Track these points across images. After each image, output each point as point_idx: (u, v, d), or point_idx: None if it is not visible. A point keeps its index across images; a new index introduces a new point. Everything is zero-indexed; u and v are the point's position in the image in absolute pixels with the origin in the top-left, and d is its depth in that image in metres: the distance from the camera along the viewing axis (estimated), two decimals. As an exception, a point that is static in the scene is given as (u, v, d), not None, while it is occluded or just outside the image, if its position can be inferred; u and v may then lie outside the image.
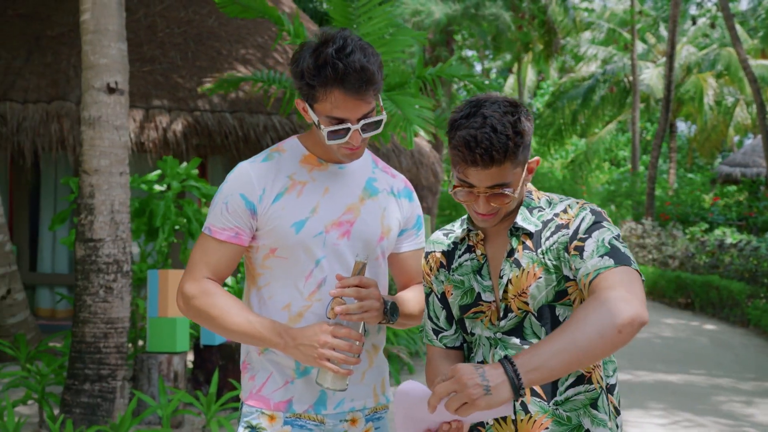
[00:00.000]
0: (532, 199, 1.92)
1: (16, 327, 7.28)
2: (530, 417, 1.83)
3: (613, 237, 1.78)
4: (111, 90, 5.23)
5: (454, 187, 1.84)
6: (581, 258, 1.76)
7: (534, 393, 1.85)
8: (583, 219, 1.83)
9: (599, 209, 1.86)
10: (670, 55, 17.56)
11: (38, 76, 8.70)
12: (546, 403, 1.84)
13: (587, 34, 25.84)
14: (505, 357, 1.62)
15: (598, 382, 1.87)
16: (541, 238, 1.86)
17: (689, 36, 26.31)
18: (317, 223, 2.06)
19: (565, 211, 1.88)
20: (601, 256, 1.74)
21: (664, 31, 27.41)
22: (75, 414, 5.12)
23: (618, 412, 1.90)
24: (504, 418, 1.86)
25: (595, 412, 1.85)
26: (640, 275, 1.75)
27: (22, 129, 8.29)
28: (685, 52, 23.55)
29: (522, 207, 1.90)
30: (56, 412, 5.53)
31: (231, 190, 2.06)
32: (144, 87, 8.78)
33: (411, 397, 1.76)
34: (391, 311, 2.05)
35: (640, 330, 1.65)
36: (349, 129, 1.98)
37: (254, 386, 2.09)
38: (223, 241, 2.05)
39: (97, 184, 5.18)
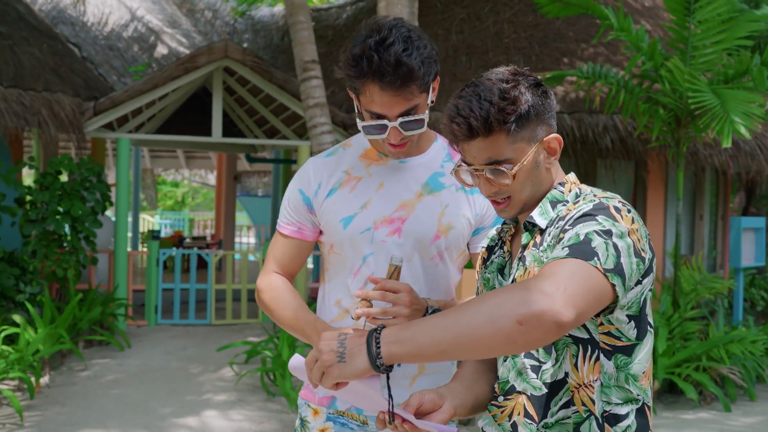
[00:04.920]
0: (561, 191, 1.66)
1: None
2: None
3: (597, 231, 1.47)
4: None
5: (456, 167, 1.68)
6: None
7: (527, 414, 1.59)
8: (580, 210, 1.54)
9: (610, 204, 1.54)
10: None
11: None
12: (535, 425, 1.57)
13: None
14: (378, 326, 1.44)
15: (584, 404, 1.54)
16: (547, 234, 1.61)
17: None
18: (366, 219, 2.00)
19: (576, 203, 1.61)
20: (563, 248, 1.46)
21: None
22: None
23: None
24: None
25: None
26: (607, 276, 1.42)
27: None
28: None
29: (544, 199, 1.66)
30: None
31: (293, 186, 2.10)
32: (485, 92, 9.03)
33: (302, 373, 1.62)
34: None
35: (557, 331, 1.33)
36: (385, 126, 1.90)
37: (307, 379, 2.12)
38: (288, 236, 2.10)
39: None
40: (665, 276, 9.09)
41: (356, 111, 1.96)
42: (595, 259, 1.43)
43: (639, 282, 1.54)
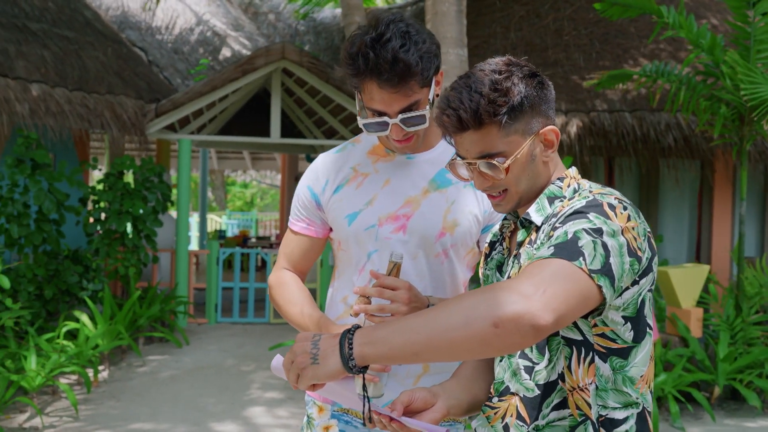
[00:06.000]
0: (560, 186, 1.60)
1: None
2: None
3: (586, 229, 1.40)
4: (449, 94, 5.47)
5: (451, 160, 1.64)
6: None
7: (519, 416, 1.54)
8: (572, 206, 1.48)
9: (604, 200, 1.47)
10: None
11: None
12: (526, 427, 1.52)
13: None
14: (353, 327, 1.40)
15: (578, 408, 1.48)
16: (541, 231, 1.55)
17: None
18: (371, 215, 1.98)
19: (570, 198, 1.54)
20: (549, 246, 1.39)
21: None
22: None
23: None
24: None
25: None
26: (592, 277, 1.35)
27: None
28: None
29: (542, 195, 1.59)
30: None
31: (303, 183, 2.10)
32: (544, 90, 8.89)
33: (283, 373, 1.60)
34: None
35: (535, 335, 1.27)
36: (386, 123, 1.87)
37: (313, 376, 2.10)
38: (297, 233, 2.10)
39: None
40: (731, 279, 8.79)
41: (358, 108, 1.94)
42: (580, 259, 1.37)
43: (635, 282, 1.48)
